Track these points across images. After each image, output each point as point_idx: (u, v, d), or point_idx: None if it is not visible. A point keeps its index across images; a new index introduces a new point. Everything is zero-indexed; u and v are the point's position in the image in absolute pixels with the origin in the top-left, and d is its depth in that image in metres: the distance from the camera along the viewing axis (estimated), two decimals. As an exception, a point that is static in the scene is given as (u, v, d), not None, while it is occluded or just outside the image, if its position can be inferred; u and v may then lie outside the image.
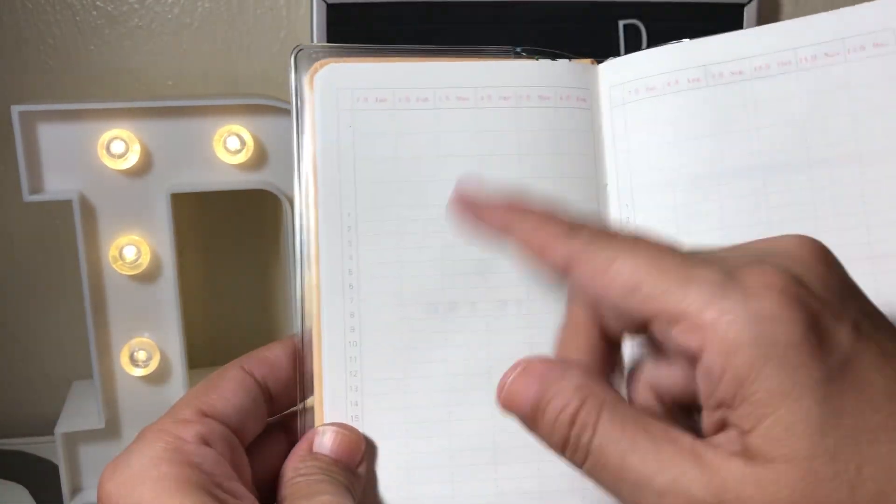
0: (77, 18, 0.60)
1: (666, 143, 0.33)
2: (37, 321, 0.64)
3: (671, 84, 0.33)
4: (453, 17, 0.56)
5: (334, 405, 0.32)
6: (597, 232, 0.27)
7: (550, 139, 0.34)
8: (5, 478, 0.57)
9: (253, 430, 0.32)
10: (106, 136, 0.50)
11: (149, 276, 0.52)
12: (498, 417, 0.32)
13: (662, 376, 0.27)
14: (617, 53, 0.36)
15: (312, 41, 0.57)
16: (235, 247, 0.64)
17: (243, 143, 0.51)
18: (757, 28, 0.33)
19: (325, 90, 0.33)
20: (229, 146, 0.52)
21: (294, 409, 0.33)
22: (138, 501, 0.27)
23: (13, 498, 0.55)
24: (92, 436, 0.53)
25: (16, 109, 0.48)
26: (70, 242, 0.52)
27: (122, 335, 0.52)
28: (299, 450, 0.31)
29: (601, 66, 0.35)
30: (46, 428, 0.54)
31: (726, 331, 0.23)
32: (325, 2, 0.55)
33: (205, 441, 0.29)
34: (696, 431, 0.25)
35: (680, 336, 0.24)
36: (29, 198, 0.49)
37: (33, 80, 0.60)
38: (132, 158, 0.51)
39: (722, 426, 0.24)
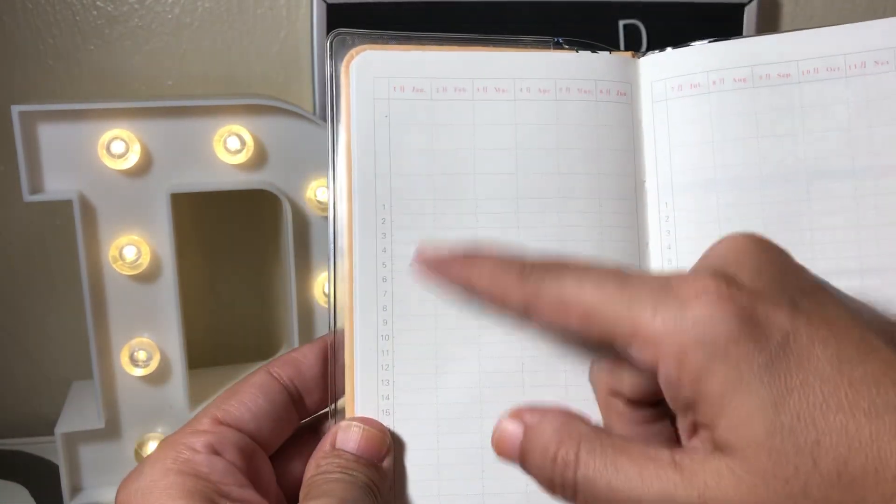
0: (77, 18, 0.60)
1: (708, 142, 0.33)
2: (37, 321, 0.64)
3: (716, 83, 0.33)
4: (453, 17, 0.56)
5: (366, 400, 0.32)
6: (547, 269, 0.28)
7: (589, 133, 0.34)
8: (5, 478, 0.57)
9: (278, 435, 0.32)
10: (106, 136, 0.50)
11: (149, 276, 0.52)
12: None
13: (635, 386, 0.30)
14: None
15: (312, 41, 0.57)
16: (235, 247, 0.64)
17: (243, 143, 0.51)
18: (809, 31, 0.33)
19: (361, 78, 0.33)
20: (229, 146, 0.52)
21: (326, 410, 0.33)
22: None
23: (13, 498, 0.55)
24: (92, 436, 0.53)
25: (16, 109, 0.48)
26: (70, 242, 0.52)
27: (122, 335, 0.52)
28: (323, 447, 0.31)
29: (642, 59, 0.35)
30: (46, 428, 0.54)
31: (672, 340, 0.25)
32: (325, 2, 0.55)
33: (214, 450, 0.29)
34: (676, 437, 0.28)
35: (637, 353, 0.26)
36: (29, 198, 0.49)
37: (33, 80, 0.60)
38: (132, 158, 0.51)
39: (694, 429, 0.26)
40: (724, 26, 0.58)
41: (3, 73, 0.60)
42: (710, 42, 0.33)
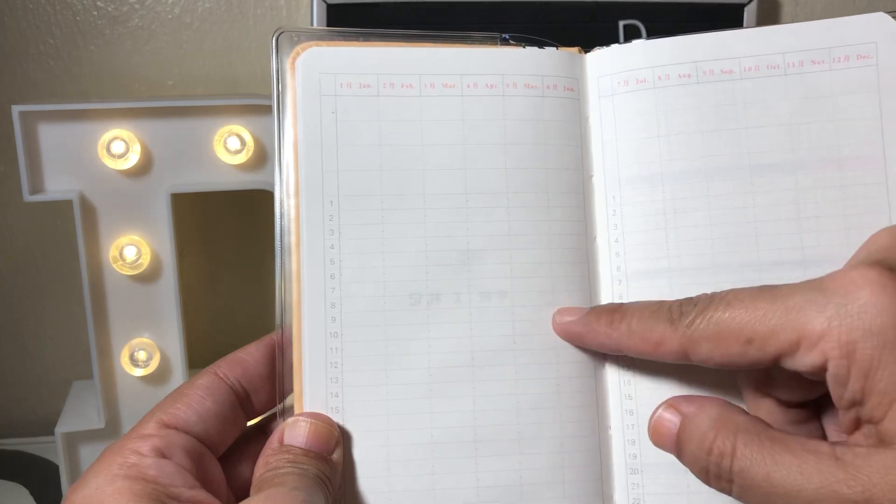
0: (77, 18, 0.60)
1: (654, 137, 0.33)
2: (37, 321, 0.64)
3: (661, 78, 0.33)
4: (453, 17, 0.56)
5: (314, 398, 0.32)
6: (694, 306, 0.29)
7: (537, 129, 0.34)
8: (5, 478, 0.57)
9: (226, 437, 0.32)
10: (106, 136, 0.50)
11: (149, 276, 0.52)
12: (479, 410, 0.32)
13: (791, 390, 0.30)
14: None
15: (312, 41, 0.57)
16: (235, 247, 0.64)
17: (243, 143, 0.51)
18: (749, 30, 0.34)
19: (307, 74, 0.33)
20: (229, 146, 0.52)
21: (275, 410, 0.33)
22: None
23: (13, 498, 0.55)
24: (92, 436, 0.53)
25: (16, 109, 0.48)
26: (70, 242, 0.52)
27: (122, 335, 0.52)
28: (271, 444, 0.31)
29: (588, 55, 0.35)
30: (46, 428, 0.54)
31: (840, 335, 0.25)
32: (325, 2, 0.55)
33: (162, 454, 0.29)
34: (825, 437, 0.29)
35: (804, 359, 0.26)
36: (29, 198, 0.49)
37: (33, 80, 0.60)
38: (132, 158, 0.51)
39: (857, 425, 0.26)
40: (725, 26, 0.58)
41: (4, 73, 0.60)
42: (655, 39, 0.34)
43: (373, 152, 0.33)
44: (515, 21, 0.57)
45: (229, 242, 0.63)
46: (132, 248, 0.52)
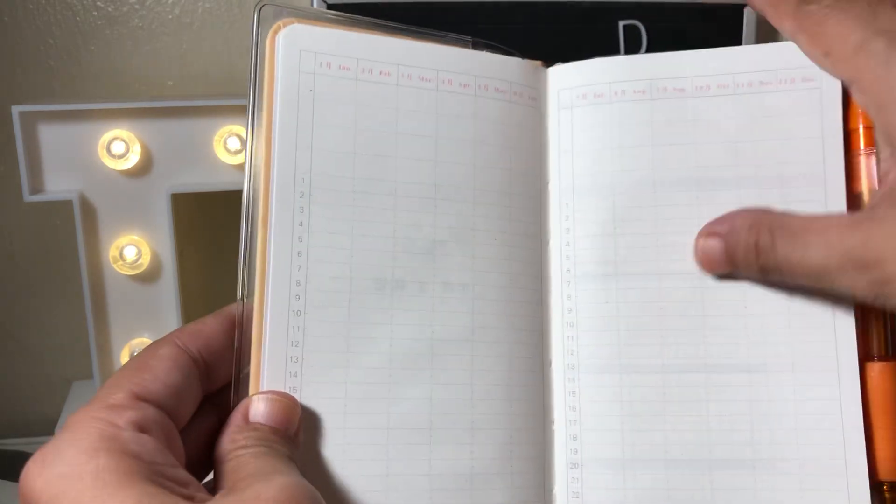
0: (77, 19, 0.60)
1: (608, 149, 0.35)
2: (37, 321, 0.64)
3: (618, 93, 0.35)
4: (453, 18, 0.56)
5: (273, 375, 0.31)
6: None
7: (504, 131, 0.35)
8: (5, 478, 0.57)
9: (188, 411, 0.30)
10: (106, 137, 0.50)
11: (149, 276, 0.52)
12: (436, 398, 0.32)
13: None
14: (617, 53, 0.36)
15: (312, 41, 0.57)
16: (235, 247, 0.64)
17: (243, 143, 0.52)
18: (703, 51, 0.35)
19: (287, 50, 0.32)
20: (229, 146, 0.52)
21: (226, 382, 0.32)
22: (76, 500, 0.23)
23: (13, 498, 0.55)
24: (92, 436, 0.53)
25: (16, 109, 0.48)
26: (70, 242, 0.52)
27: (122, 335, 0.52)
28: (235, 420, 0.30)
29: (550, 69, 0.36)
30: (46, 428, 0.54)
31: (881, 95, 0.30)
32: (325, 2, 0.55)
33: (141, 428, 0.26)
34: None
35: (855, 96, 0.31)
36: (29, 198, 0.49)
37: (33, 80, 0.60)
38: (132, 158, 0.51)
39: (888, 174, 0.30)
40: (724, 27, 0.59)
41: (4, 73, 0.60)
42: (613, 57, 0.36)
43: (347, 134, 0.33)
44: (515, 21, 0.57)
45: (229, 242, 0.63)
46: (132, 248, 0.52)
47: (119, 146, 0.50)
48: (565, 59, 0.36)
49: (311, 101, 0.33)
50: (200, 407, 0.31)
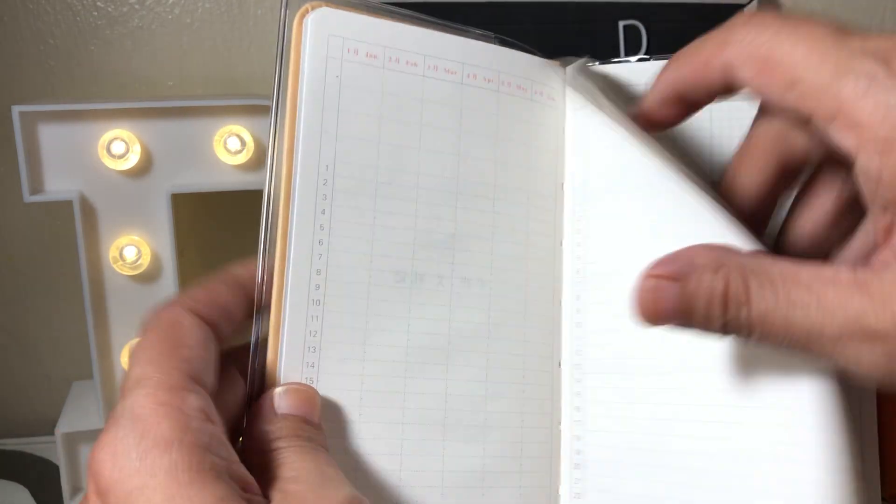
0: (77, 19, 0.60)
1: (623, 150, 0.34)
2: (37, 321, 0.64)
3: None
4: (453, 18, 0.56)
5: (290, 367, 0.30)
6: (753, 18, 0.25)
7: (523, 129, 0.35)
8: (5, 478, 0.57)
9: (216, 380, 0.28)
10: (106, 137, 0.50)
11: (149, 276, 0.52)
12: (451, 394, 0.32)
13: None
14: (617, 53, 0.36)
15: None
16: (235, 247, 0.64)
17: (243, 143, 0.52)
18: None
19: (316, 34, 0.32)
20: (229, 146, 0.52)
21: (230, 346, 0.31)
22: (150, 499, 0.22)
23: (13, 498, 0.55)
24: (92, 436, 0.53)
25: (16, 109, 0.48)
26: (70, 242, 0.52)
27: (122, 335, 0.52)
28: (263, 412, 0.28)
29: (567, 68, 0.36)
30: (46, 428, 0.54)
31: (880, 127, 0.22)
32: (326, 2, 0.55)
33: (207, 416, 0.25)
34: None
35: (836, 136, 0.23)
36: (29, 198, 0.49)
37: (33, 80, 0.60)
38: (132, 158, 0.51)
39: (890, 230, 0.23)
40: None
41: (3, 73, 0.60)
42: (627, 61, 0.36)
43: (372, 123, 0.32)
44: (517, 21, 0.57)
45: (229, 242, 0.63)
46: (132, 248, 0.52)
47: (119, 146, 0.50)
48: (567, 59, 0.36)
49: (337, 87, 0.32)
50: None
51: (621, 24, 0.57)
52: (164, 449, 0.23)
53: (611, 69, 0.36)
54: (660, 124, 0.31)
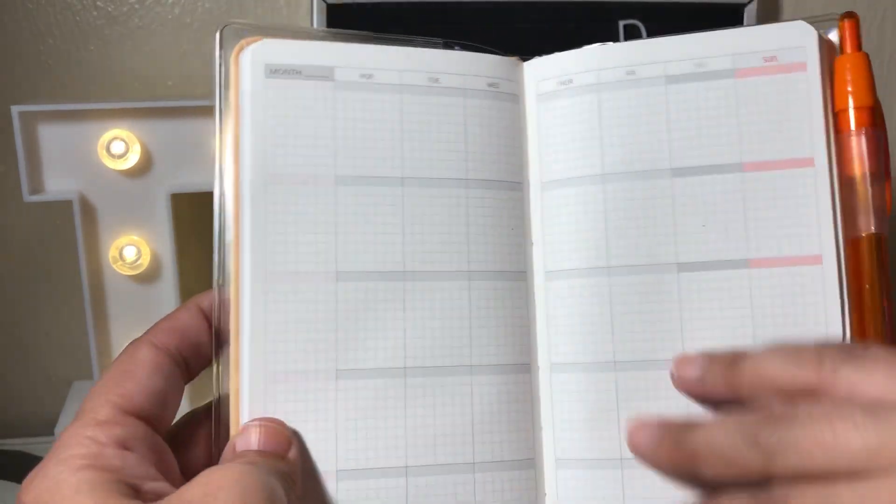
0: (77, 18, 0.60)
1: (587, 140, 0.34)
2: (37, 321, 0.64)
3: (594, 84, 0.34)
4: (453, 18, 0.56)
5: (255, 396, 0.31)
6: (839, 353, 0.27)
7: (488, 129, 0.35)
8: (5, 478, 0.57)
9: (173, 411, 0.31)
10: (106, 136, 0.50)
11: (149, 276, 0.52)
12: (411, 427, 0.32)
13: None
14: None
15: (312, 41, 0.57)
16: (235, 247, 0.64)
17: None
18: (680, 36, 0.35)
19: (255, 67, 0.33)
20: (229, 146, 0.52)
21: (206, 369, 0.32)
22: None
23: (13, 498, 0.55)
24: (92, 436, 0.53)
25: (16, 109, 0.48)
26: (70, 242, 0.52)
27: (122, 335, 0.52)
28: (225, 456, 0.30)
29: (526, 63, 0.36)
30: (46, 428, 0.54)
31: None
32: (325, 2, 0.55)
33: (124, 445, 0.27)
34: None
35: None
36: (29, 198, 0.49)
37: (33, 80, 0.60)
38: (132, 158, 0.51)
39: None
40: (724, 27, 0.58)
41: (3, 73, 0.60)
42: (588, 47, 0.35)
43: (326, 140, 0.33)
44: (515, 22, 0.57)
45: (229, 242, 0.63)
46: (132, 248, 0.52)
47: (119, 146, 0.50)
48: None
49: (283, 110, 0.33)
50: (205, 416, 0.32)
51: (621, 23, 0.57)
52: (75, 471, 0.26)
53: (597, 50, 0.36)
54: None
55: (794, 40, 0.33)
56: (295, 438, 0.31)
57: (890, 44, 0.66)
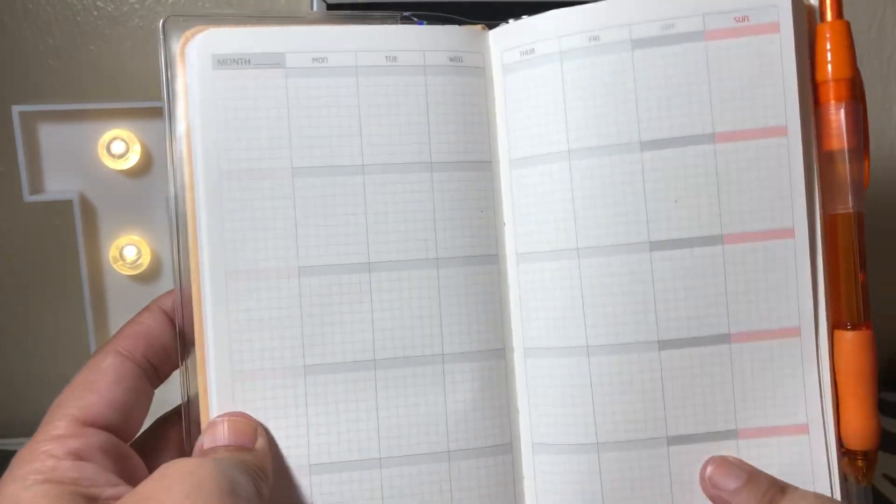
0: (77, 18, 0.60)
1: (554, 113, 0.33)
2: (37, 321, 0.64)
3: (559, 52, 0.33)
4: (453, 15, 0.56)
5: (221, 391, 0.31)
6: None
7: (452, 105, 0.33)
8: (5, 478, 0.57)
9: (139, 417, 0.31)
10: (106, 136, 0.50)
11: (149, 276, 0.52)
12: (384, 418, 0.32)
13: None
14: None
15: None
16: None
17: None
18: None
19: (201, 56, 0.32)
20: (229, 146, 0.52)
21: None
22: None
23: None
24: (92, 436, 0.53)
25: (16, 109, 0.48)
26: (70, 242, 0.52)
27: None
28: (195, 454, 0.30)
29: (491, 31, 0.35)
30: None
31: None
32: (325, 2, 0.55)
33: (79, 456, 0.28)
34: None
35: None
36: (29, 198, 0.49)
37: (33, 80, 0.60)
38: (132, 158, 0.51)
39: None
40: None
41: (3, 73, 0.60)
42: (551, 11, 0.33)
43: (281, 127, 0.32)
44: (512, 17, 0.57)
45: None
46: (132, 248, 0.52)
47: (119, 146, 0.50)
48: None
49: (233, 102, 0.32)
50: (174, 420, 0.32)
51: None
52: (30, 485, 0.27)
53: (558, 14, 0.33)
54: None
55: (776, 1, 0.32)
56: (262, 430, 0.31)
57: (890, 44, 0.66)
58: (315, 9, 0.56)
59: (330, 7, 0.55)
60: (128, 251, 0.52)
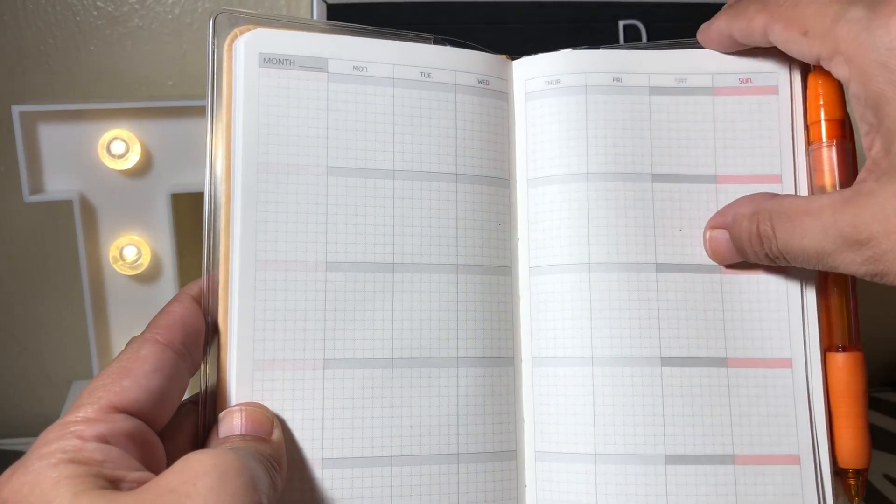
0: (77, 18, 0.60)
1: (573, 139, 0.35)
2: (37, 321, 0.64)
3: (581, 86, 0.35)
4: (453, 17, 0.56)
5: (241, 380, 0.31)
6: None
7: (477, 125, 0.35)
8: (5, 478, 0.57)
9: (172, 407, 0.31)
10: (106, 136, 0.50)
11: (149, 276, 0.52)
12: (397, 417, 0.32)
13: None
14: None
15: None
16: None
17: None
18: (668, 51, 0.36)
19: (248, 55, 0.33)
20: (229, 146, 0.52)
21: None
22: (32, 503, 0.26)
23: (13, 498, 0.55)
24: (92, 436, 0.53)
25: (16, 109, 0.48)
26: (70, 242, 0.52)
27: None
28: (210, 443, 0.30)
29: (516, 62, 0.37)
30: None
31: (865, 62, 0.29)
32: (325, 2, 0.55)
33: (106, 440, 0.28)
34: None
35: (836, 69, 0.31)
36: (29, 198, 0.49)
37: (33, 80, 0.60)
38: (132, 158, 0.51)
39: (871, 148, 0.30)
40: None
41: (3, 73, 0.60)
42: (578, 49, 0.36)
43: (319, 132, 0.33)
44: (514, 21, 0.57)
45: (229, 242, 0.63)
46: (132, 248, 0.52)
47: (119, 146, 0.50)
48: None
49: (275, 100, 0.33)
50: (191, 408, 0.32)
51: (621, 23, 0.57)
52: (54, 466, 0.26)
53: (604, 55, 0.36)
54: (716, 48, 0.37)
55: (768, 66, 0.35)
56: (278, 422, 0.31)
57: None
58: (315, 9, 0.56)
59: (330, 7, 0.55)
60: (128, 251, 0.52)
